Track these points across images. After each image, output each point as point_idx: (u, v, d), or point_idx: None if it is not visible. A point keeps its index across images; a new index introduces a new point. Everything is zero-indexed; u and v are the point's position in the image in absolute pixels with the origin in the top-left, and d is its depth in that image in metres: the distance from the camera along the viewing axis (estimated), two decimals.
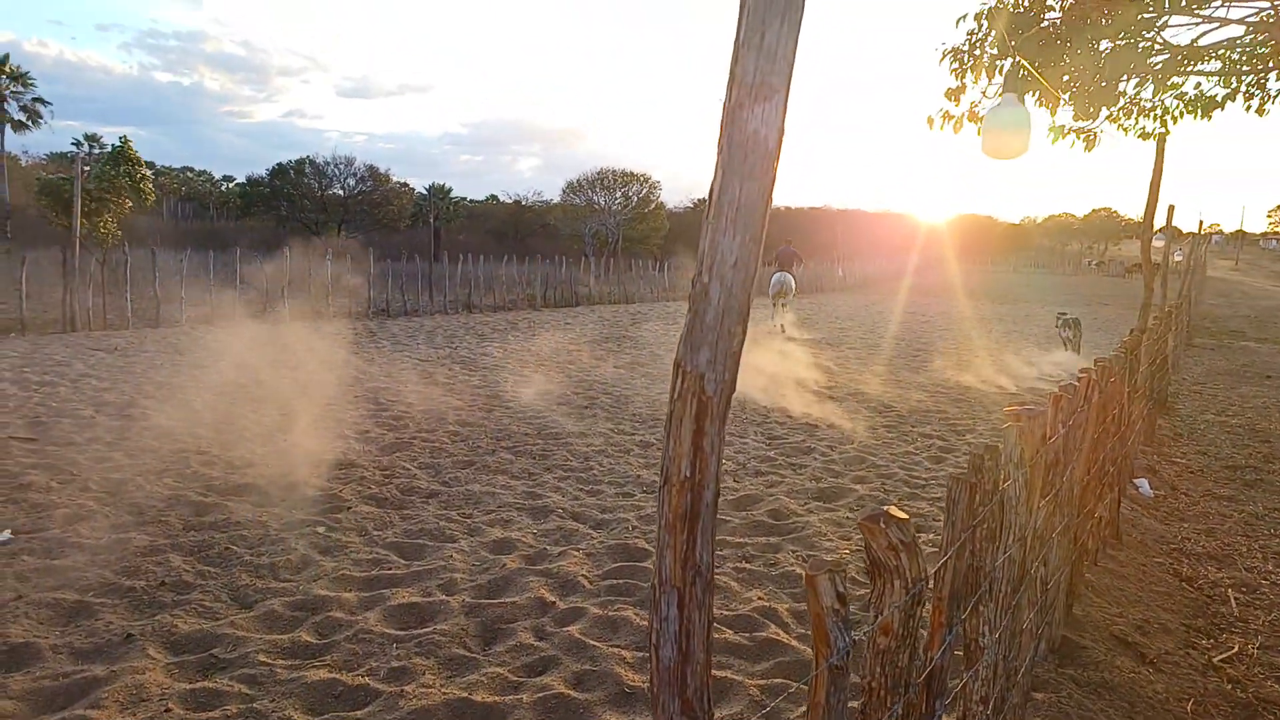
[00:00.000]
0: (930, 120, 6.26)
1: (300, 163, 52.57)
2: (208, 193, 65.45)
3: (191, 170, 71.50)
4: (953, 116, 6.17)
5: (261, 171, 54.99)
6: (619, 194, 51.44)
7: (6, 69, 41.51)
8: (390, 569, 4.62)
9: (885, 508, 1.62)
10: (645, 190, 52.18)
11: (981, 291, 36.01)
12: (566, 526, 5.42)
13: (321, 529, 5.16)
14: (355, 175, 53.83)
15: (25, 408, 8.18)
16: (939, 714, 1.91)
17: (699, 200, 59.51)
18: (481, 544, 5.05)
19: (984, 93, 5.95)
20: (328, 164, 52.70)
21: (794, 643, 3.88)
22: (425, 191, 57.74)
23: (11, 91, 41.72)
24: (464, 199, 63.80)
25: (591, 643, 3.81)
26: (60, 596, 4.09)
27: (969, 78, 6.00)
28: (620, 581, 4.55)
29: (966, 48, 5.94)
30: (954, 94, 6.12)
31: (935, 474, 6.97)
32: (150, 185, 25.31)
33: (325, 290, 18.98)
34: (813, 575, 1.36)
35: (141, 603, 4.07)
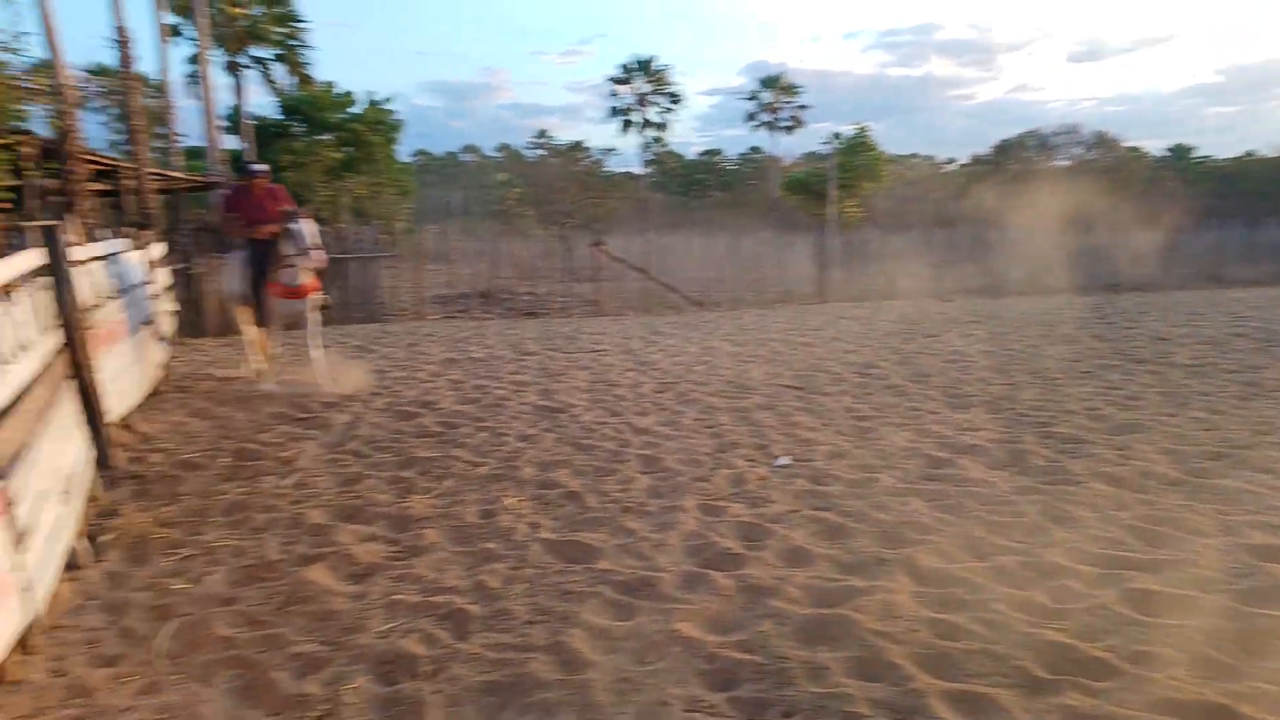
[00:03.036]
0: None
1: (1023, 137, 51.47)
2: (931, 176, 68.98)
3: (917, 156, 76.18)
4: None
5: (983, 150, 55.52)
6: None
7: (780, 83, 50.11)
8: (1126, 551, 4.35)
9: None
10: None
11: None
12: None
13: (1051, 499, 5.12)
14: (1082, 144, 50.42)
15: (792, 364, 9.94)
16: None
17: None
18: (1239, 545, 4.38)
19: None
20: (1052, 135, 50.45)
21: None
22: (1167, 153, 51.07)
23: (783, 102, 50.25)
24: (1208, 158, 54.37)
25: None
26: (825, 516, 4.92)
27: None
28: None
29: None
30: None
31: None
32: (884, 170, 27.85)
33: (1049, 263, 18.37)
34: None
35: (888, 534, 4.64)
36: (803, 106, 50.87)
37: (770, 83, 50.57)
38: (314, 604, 3.97)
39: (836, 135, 49.79)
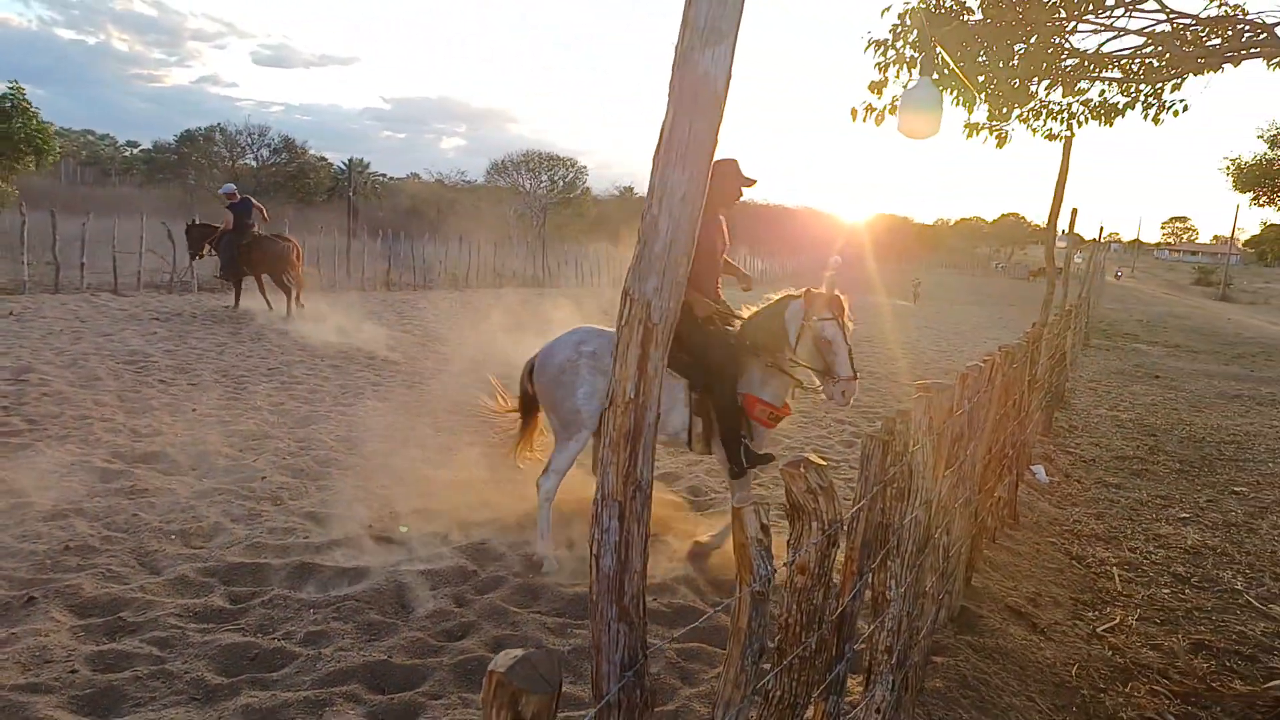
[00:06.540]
0: (854, 112, 6.37)
1: (210, 130, 50.55)
2: (110, 157, 62.17)
3: (93, 133, 67.81)
4: (875, 109, 6.27)
5: (169, 138, 52.67)
6: (545, 177, 51.07)
7: None
8: (307, 537, 4.55)
9: (805, 455, 1.71)
10: (571, 175, 51.95)
11: (898, 289, 36.94)
12: None
13: (234, 498, 5.04)
14: (269, 146, 52.02)
15: None
16: (847, 655, 2.03)
17: (626, 189, 59.47)
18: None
19: (905, 86, 6.05)
20: (239, 133, 50.81)
21: (708, 608, 4.00)
22: (343, 166, 56.20)
23: None
24: (383, 175, 62.20)
25: (513, 609, 3.85)
26: None
27: (891, 71, 6.13)
28: None
29: (890, 39, 6.07)
30: (877, 87, 6.23)
31: (846, 456, 7.21)
32: (54, 143, 23.68)
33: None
34: (739, 508, 1.44)
35: (44, 565, 3.92)
36: None
37: None
38: None
39: None
